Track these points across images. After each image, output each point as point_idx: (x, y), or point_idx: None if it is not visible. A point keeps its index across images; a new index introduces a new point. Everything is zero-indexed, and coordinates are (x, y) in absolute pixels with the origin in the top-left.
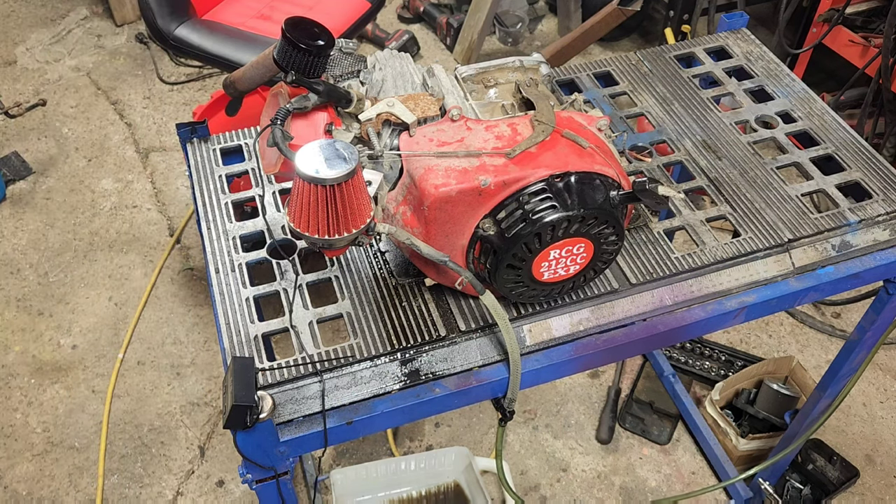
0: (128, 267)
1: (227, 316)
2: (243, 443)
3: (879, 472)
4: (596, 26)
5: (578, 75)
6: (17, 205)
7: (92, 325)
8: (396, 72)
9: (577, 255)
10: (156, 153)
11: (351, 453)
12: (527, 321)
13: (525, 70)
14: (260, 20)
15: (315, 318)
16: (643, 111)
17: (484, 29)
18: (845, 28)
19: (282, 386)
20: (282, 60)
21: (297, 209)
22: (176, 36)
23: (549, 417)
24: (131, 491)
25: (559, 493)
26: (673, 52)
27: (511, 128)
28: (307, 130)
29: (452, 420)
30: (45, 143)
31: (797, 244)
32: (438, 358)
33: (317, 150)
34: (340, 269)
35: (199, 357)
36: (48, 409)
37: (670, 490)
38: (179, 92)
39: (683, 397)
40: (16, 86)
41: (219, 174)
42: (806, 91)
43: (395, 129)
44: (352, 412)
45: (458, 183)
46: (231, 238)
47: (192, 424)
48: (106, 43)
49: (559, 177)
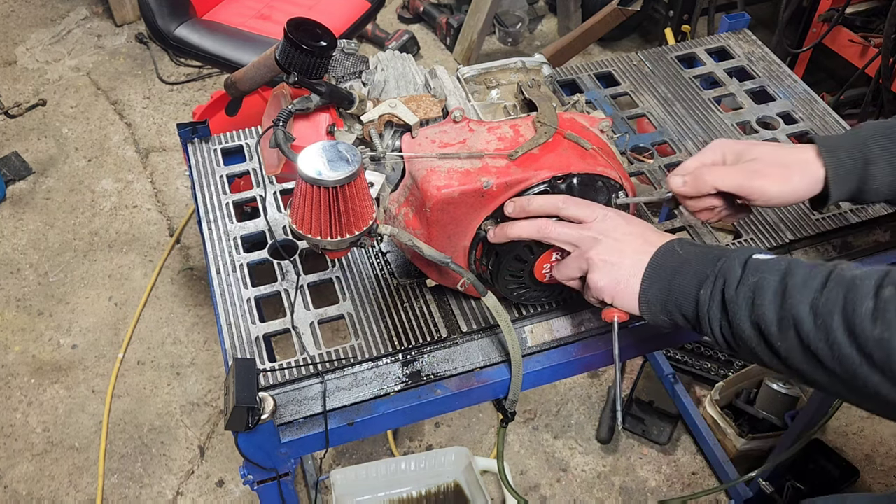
0: (128, 267)
1: (228, 316)
2: (245, 444)
3: (879, 471)
4: (596, 26)
5: (580, 76)
6: (17, 205)
7: (92, 325)
8: (398, 73)
9: None
10: (156, 153)
11: (351, 453)
12: (528, 322)
13: (527, 71)
14: (260, 20)
15: (316, 318)
16: (644, 112)
17: (484, 29)
18: (845, 28)
19: (283, 387)
20: (284, 61)
21: (299, 210)
22: (176, 36)
23: (549, 417)
24: (131, 491)
25: (559, 493)
26: (674, 52)
27: (513, 129)
28: (309, 131)
29: (452, 420)
30: (45, 143)
31: (798, 245)
32: (440, 359)
33: (319, 151)
34: (342, 269)
35: (199, 357)
36: (48, 409)
37: (670, 490)
38: (179, 92)
39: (683, 397)
40: (16, 86)
41: (220, 174)
42: (807, 92)
43: (398, 130)
44: (353, 413)
45: (461, 184)
46: (232, 238)
47: (192, 424)
48: (106, 43)
49: (561, 178)
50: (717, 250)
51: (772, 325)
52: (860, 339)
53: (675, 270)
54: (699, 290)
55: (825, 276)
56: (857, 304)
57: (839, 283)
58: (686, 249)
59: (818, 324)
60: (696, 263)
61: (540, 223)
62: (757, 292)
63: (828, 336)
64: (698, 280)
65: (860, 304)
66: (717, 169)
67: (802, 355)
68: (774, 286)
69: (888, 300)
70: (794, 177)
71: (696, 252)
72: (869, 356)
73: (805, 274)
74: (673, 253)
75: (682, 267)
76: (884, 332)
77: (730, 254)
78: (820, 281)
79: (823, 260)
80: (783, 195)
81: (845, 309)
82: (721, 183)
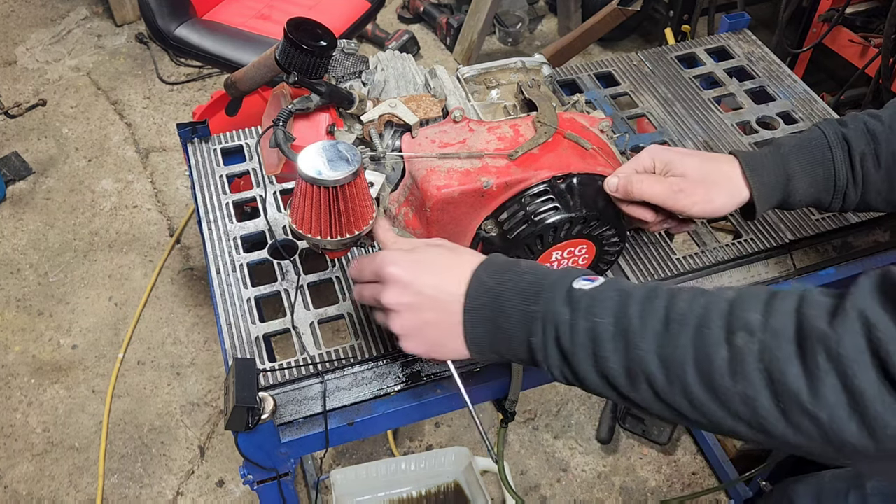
0: (128, 267)
1: (228, 316)
2: (245, 444)
3: None
4: (596, 26)
5: (579, 76)
6: (17, 205)
7: (92, 325)
8: (398, 73)
9: (578, 256)
10: (156, 153)
11: (351, 453)
12: None
13: (527, 71)
14: (260, 20)
15: (316, 318)
16: (644, 112)
17: (484, 29)
18: (845, 28)
19: (283, 387)
20: (284, 61)
21: (300, 210)
22: (176, 36)
23: (549, 417)
24: (131, 491)
25: (559, 493)
26: (674, 52)
27: (513, 129)
28: (309, 131)
29: (452, 420)
30: (45, 143)
31: (798, 245)
32: None
33: (319, 151)
34: (342, 269)
35: (199, 357)
36: (48, 409)
37: (670, 490)
38: (179, 92)
39: None
40: (16, 86)
41: (219, 174)
42: (807, 92)
43: (398, 130)
44: (353, 413)
45: (461, 184)
46: (232, 238)
47: (192, 424)
48: (106, 43)
49: (561, 178)
50: (528, 276)
51: (619, 377)
52: (721, 394)
53: (494, 311)
54: (529, 338)
55: (663, 310)
56: (710, 353)
57: (682, 324)
58: (495, 278)
59: (671, 378)
60: (513, 300)
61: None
62: (595, 341)
63: (685, 391)
64: (525, 326)
65: (714, 353)
66: (646, 178)
67: (661, 406)
68: (611, 331)
69: (743, 350)
70: (717, 198)
71: (509, 282)
72: (734, 412)
73: (640, 309)
74: (484, 289)
75: (500, 306)
76: (746, 389)
77: (548, 285)
78: (659, 319)
79: (821, 259)
80: (704, 212)
81: (697, 359)
82: (648, 193)
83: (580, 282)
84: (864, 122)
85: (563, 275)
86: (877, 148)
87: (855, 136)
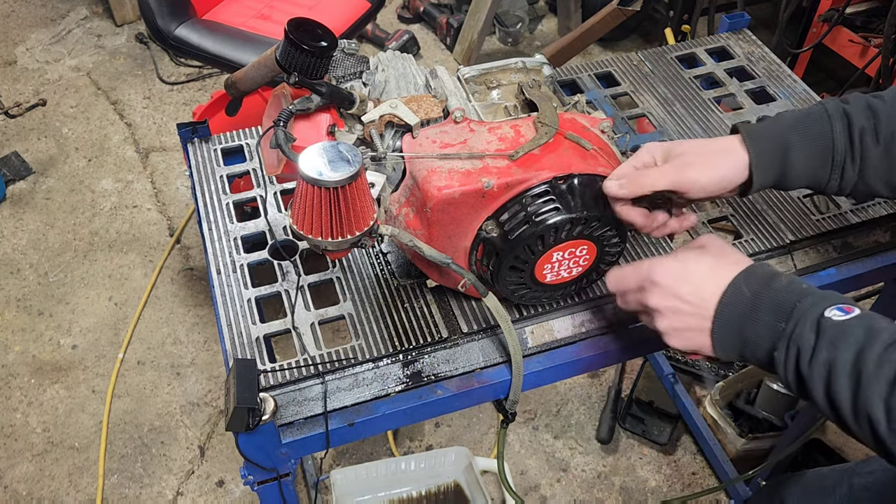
0: (128, 267)
1: (228, 317)
2: (245, 444)
3: None
4: (596, 26)
5: (580, 76)
6: (17, 205)
7: (92, 325)
8: (399, 73)
9: (579, 257)
10: (156, 153)
11: (351, 453)
12: (529, 323)
13: (528, 71)
14: (260, 20)
15: (317, 319)
16: (644, 112)
17: (484, 29)
18: (845, 28)
19: (283, 388)
20: (284, 62)
21: (300, 211)
22: (176, 36)
23: (549, 417)
24: (131, 491)
25: (559, 493)
26: (674, 52)
27: (514, 130)
28: (310, 132)
29: (452, 420)
30: (45, 143)
31: (799, 245)
32: (440, 359)
33: (320, 151)
34: (342, 270)
35: (199, 357)
36: (48, 409)
37: (670, 490)
38: (179, 92)
39: (683, 397)
40: (16, 86)
41: (220, 174)
42: (807, 92)
43: (398, 130)
44: (354, 414)
45: (461, 185)
46: (232, 239)
47: (192, 424)
48: (106, 43)
49: (562, 179)
50: (785, 294)
51: (846, 412)
52: None
53: (744, 319)
54: (773, 351)
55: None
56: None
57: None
58: (754, 289)
59: (892, 428)
60: (766, 314)
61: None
62: (831, 372)
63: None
64: (772, 339)
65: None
66: (651, 170)
67: (876, 445)
68: (848, 370)
69: None
70: (720, 164)
71: (766, 297)
72: None
73: (879, 356)
74: (741, 298)
75: (752, 317)
76: None
77: (801, 308)
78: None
79: (821, 260)
80: (713, 181)
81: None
82: (657, 182)
83: (833, 310)
84: (867, 100)
85: (820, 299)
86: (877, 124)
87: (856, 112)
